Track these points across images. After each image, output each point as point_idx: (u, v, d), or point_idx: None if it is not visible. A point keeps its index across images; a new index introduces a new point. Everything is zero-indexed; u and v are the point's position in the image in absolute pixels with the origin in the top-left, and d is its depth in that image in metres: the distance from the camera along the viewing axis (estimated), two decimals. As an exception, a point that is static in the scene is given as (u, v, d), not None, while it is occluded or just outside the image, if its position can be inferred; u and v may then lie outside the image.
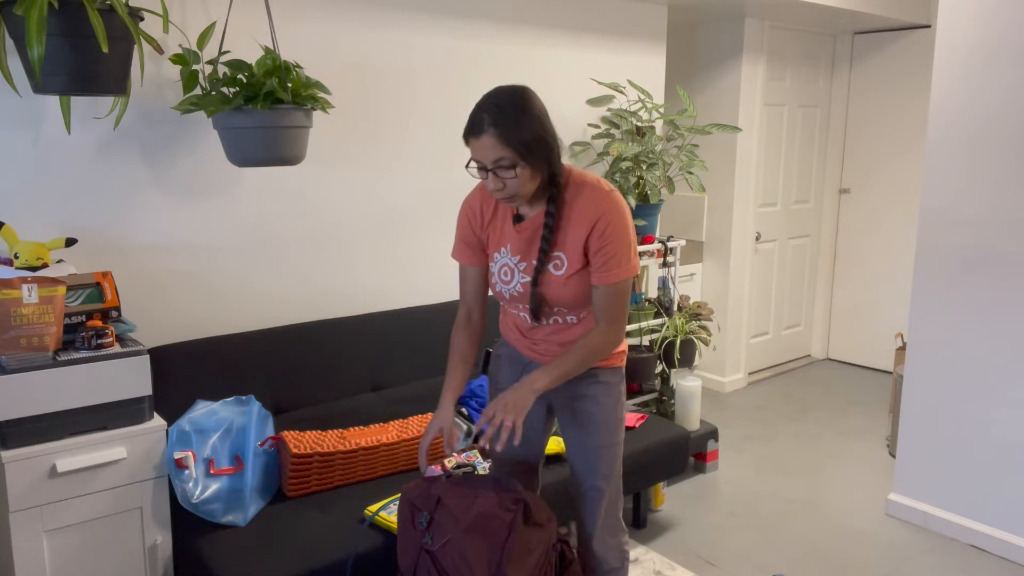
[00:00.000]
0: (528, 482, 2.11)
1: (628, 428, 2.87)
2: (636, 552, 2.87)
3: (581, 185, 1.80)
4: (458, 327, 2.00)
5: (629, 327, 3.45)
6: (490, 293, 2.01)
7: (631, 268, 1.78)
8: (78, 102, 2.26)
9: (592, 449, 1.96)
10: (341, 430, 2.50)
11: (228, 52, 2.35)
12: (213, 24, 2.34)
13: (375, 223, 2.98)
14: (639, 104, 3.69)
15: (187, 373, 2.40)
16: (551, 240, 1.79)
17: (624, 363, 2.01)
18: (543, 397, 1.98)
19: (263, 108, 2.13)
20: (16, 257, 2.07)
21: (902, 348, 3.97)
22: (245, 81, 2.19)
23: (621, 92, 3.69)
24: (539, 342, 1.94)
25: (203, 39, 2.30)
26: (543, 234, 1.79)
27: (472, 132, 1.68)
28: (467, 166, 1.75)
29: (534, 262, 1.82)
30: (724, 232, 4.59)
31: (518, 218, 1.85)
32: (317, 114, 2.51)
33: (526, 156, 1.66)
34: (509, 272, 1.87)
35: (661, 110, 3.80)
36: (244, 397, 2.35)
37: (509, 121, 1.65)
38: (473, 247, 1.94)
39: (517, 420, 1.71)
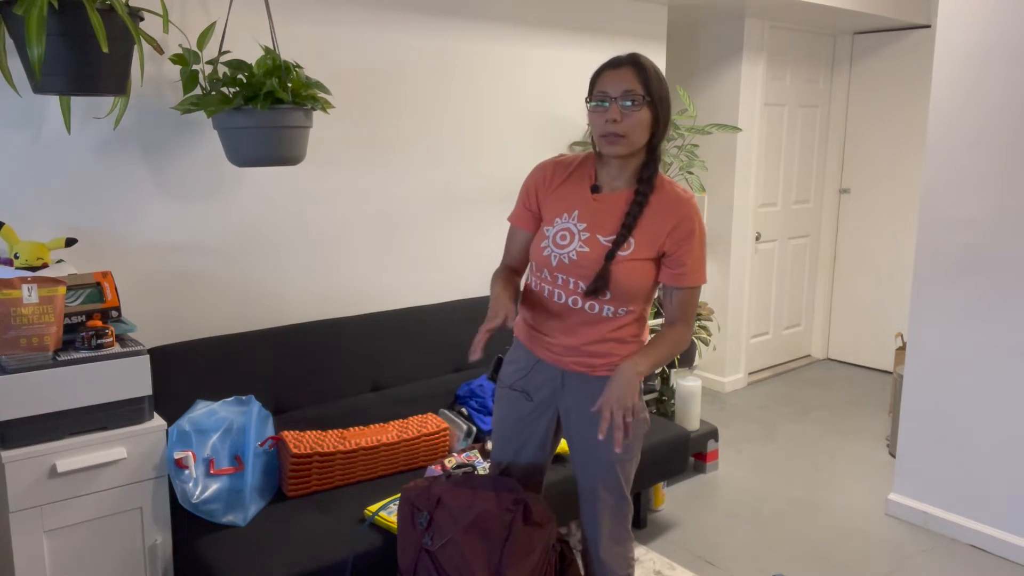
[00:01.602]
0: (535, 488, 2.06)
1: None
2: (636, 552, 2.87)
3: (666, 180, 1.86)
4: (500, 269, 2.00)
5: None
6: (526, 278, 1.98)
7: (704, 274, 1.86)
8: (78, 102, 2.26)
9: (606, 464, 1.91)
10: (341, 430, 2.50)
11: (228, 52, 2.35)
12: (213, 24, 2.34)
13: (375, 223, 2.98)
14: (639, 104, 3.68)
15: (187, 373, 2.40)
16: (638, 218, 1.80)
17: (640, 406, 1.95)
18: (552, 405, 1.97)
19: (263, 108, 2.13)
20: (16, 257, 2.07)
21: (902, 348, 3.97)
22: (245, 81, 2.19)
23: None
24: (558, 332, 1.88)
25: (203, 39, 2.30)
26: (631, 211, 1.80)
27: (611, 64, 1.79)
28: (587, 99, 1.81)
29: (599, 237, 1.81)
30: (724, 232, 4.59)
31: (595, 188, 1.86)
32: (317, 114, 2.51)
33: (652, 101, 1.76)
34: (569, 236, 1.83)
35: (661, 110, 3.80)
36: (244, 397, 2.35)
37: (648, 70, 1.77)
38: (531, 211, 1.94)
39: (630, 411, 1.72)
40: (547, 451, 2.05)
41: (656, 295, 2.00)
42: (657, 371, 3.58)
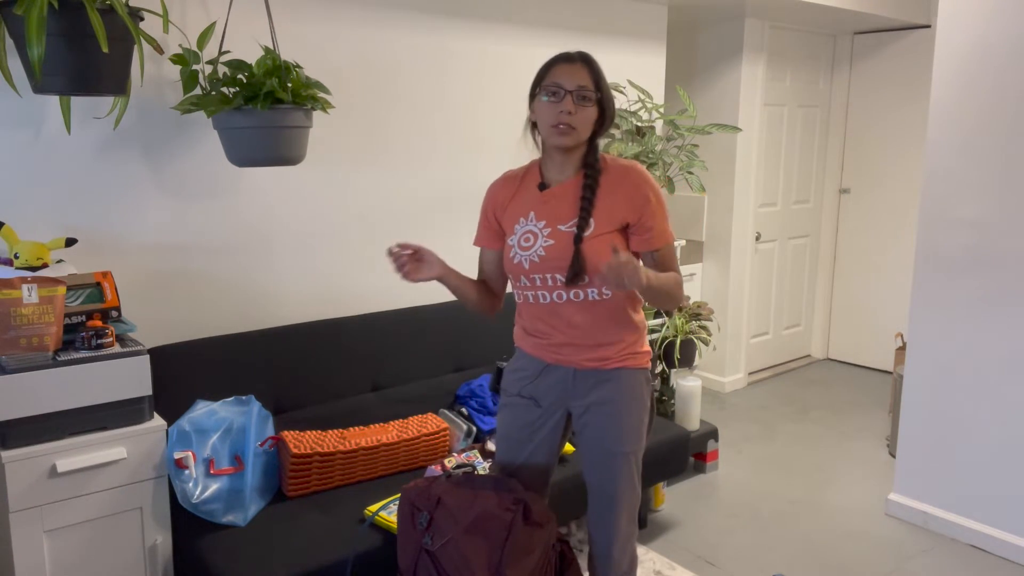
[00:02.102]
0: (542, 489, 2.06)
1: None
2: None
3: (608, 158, 1.91)
4: None
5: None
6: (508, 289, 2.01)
7: (671, 231, 1.91)
8: (78, 102, 2.26)
9: (616, 455, 1.91)
10: (341, 430, 2.50)
11: (228, 52, 2.35)
12: (213, 24, 2.34)
13: (375, 223, 2.98)
14: (639, 104, 3.69)
15: (187, 373, 2.40)
16: (593, 199, 1.84)
17: (649, 365, 1.97)
18: (560, 407, 1.97)
19: (263, 108, 2.13)
20: (16, 257, 2.07)
21: (902, 348, 3.97)
22: (245, 81, 2.19)
23: (621, 92, 3.69)
24: (558, 332, 1.89)
25: (203, 39, 2.30)
26: (585, 194, 1.84)
27: (565, 59, 1.83)
28: (535, 91, 1.85)
29: (560, 227, 1.85)
30: (724, 232, 4.59)
31: (543, 186, 1.91)
32: (317, 114, 2.51)
33: (602, 98, 1.83)
34: (532, 237, 1.88)
35: (661, 110, 3.80)
36: (244, 397, 2.35)
37: (598, 69, 1.84)
38: (493, 231, 1.99)
39: (633, 273, 1.64)
40: (555, 453, 2.05)
41: None
42: (656, 371, 3.59)
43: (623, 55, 3.74)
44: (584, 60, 1.82)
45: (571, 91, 1.78)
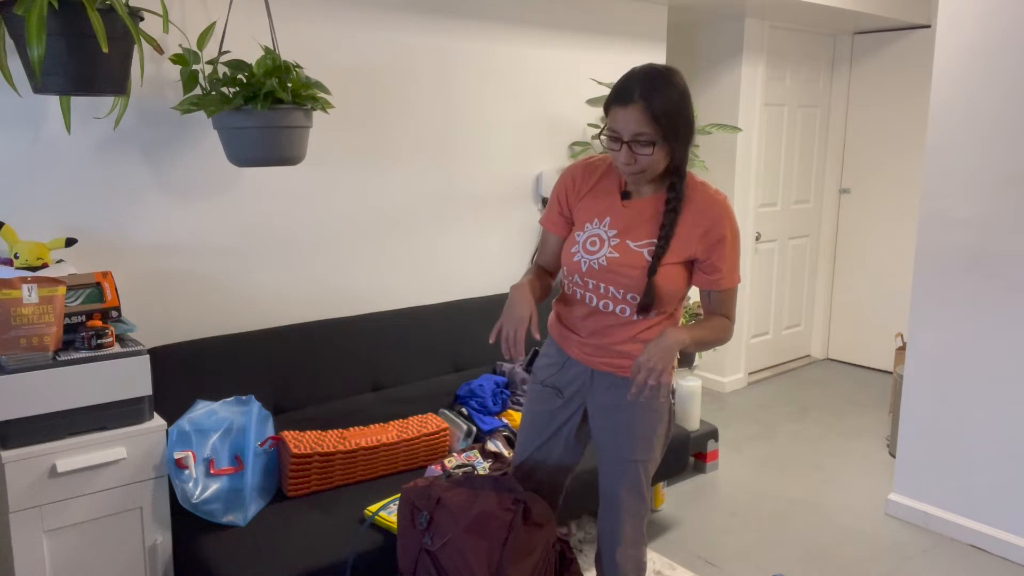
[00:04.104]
0: (557, 488, 2.07)
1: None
2: (636, 552, 2.87)
3: (698, 184, 1.83)
4: (532, 267, 1.99)
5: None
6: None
7: (738, 274, 1.85)
8: (78, 102, 2.26)
9: (625, 463, 1.92)
10: (341, 430, 2.50)
11: (228, 52, 2.35)
12: (213, 24, 2.34)
13: (375, 223, 2.98)
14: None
15: (187, 373, 2.40)
16: (673, 227, 1.78)
17: (672, 380, 1.95)
18: (580, 400, 1.97)
19: (263, 108, 2.13)
20: (16, 257, 2.07)
21: (902, 348, 3.97)
22: (245, 81, 2.19)
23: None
24: (589, 333, 1.90)
25: (203, 39, 2.30)
26: (665, 221, 1.78)
27: (619, 100, 1.69)
28: (599, 136, 1.77)
29: (629, 243, 1.80)
30: (724, 232, 4.59)
31: (626, 195, 1.85)
32: (317, 114, 2.51)
33: (667, 135, 1.69)
34: (599, 243, 1.83)
35: (661, 110, 3.80)
36: (244, 397, 2.35)
37: (657, 106, 1.66)
38: (564, 216, 1.94)
39: (665, 368, 1.68)
40: (571, 450, 2.04)
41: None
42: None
43: (623, 55, 3.74)
44: (643, 97, 1.66)
45: (627, 141, 1.69)
